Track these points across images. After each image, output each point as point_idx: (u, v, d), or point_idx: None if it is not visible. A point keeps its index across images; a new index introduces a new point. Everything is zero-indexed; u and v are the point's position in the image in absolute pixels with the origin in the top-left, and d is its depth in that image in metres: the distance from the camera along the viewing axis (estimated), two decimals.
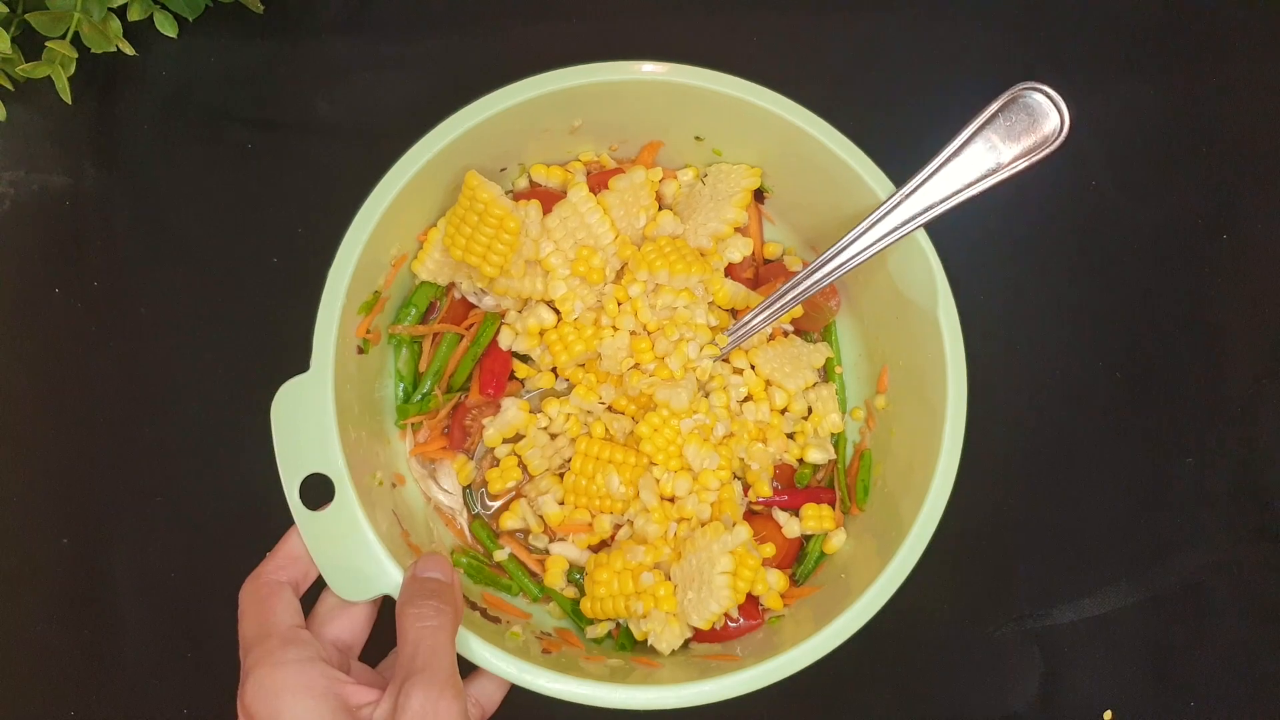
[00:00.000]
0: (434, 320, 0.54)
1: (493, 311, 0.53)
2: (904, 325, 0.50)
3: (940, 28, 0.61)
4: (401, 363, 0.53)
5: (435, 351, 0.53)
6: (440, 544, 0.52)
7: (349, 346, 0.48)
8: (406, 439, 0.54)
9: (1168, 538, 0.58)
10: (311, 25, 0.59)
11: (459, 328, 0.53)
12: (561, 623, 0.52)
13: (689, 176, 0.55)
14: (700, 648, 0.50)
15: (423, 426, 0.54)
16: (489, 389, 0.53)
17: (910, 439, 0.50)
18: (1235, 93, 0.61)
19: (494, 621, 0.49)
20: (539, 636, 0.50)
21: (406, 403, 0.53)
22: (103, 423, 0.56)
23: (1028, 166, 0.45)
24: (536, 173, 0.54)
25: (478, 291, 0.53)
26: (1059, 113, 0.45)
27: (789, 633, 0.48)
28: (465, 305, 0.54)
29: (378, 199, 0.47)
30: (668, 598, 0.48)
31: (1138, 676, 0.57)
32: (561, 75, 0.48)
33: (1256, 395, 0.59)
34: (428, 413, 0.53)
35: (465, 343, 0.53)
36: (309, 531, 0.44)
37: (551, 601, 0.52)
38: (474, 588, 0.52)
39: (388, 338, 0.53)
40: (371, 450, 0.51)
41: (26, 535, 0.55)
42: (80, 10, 0.50)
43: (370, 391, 0.52)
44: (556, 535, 0.52)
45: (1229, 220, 0.60)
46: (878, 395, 0.53)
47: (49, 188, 0.57)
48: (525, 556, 0.53)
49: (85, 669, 0.54)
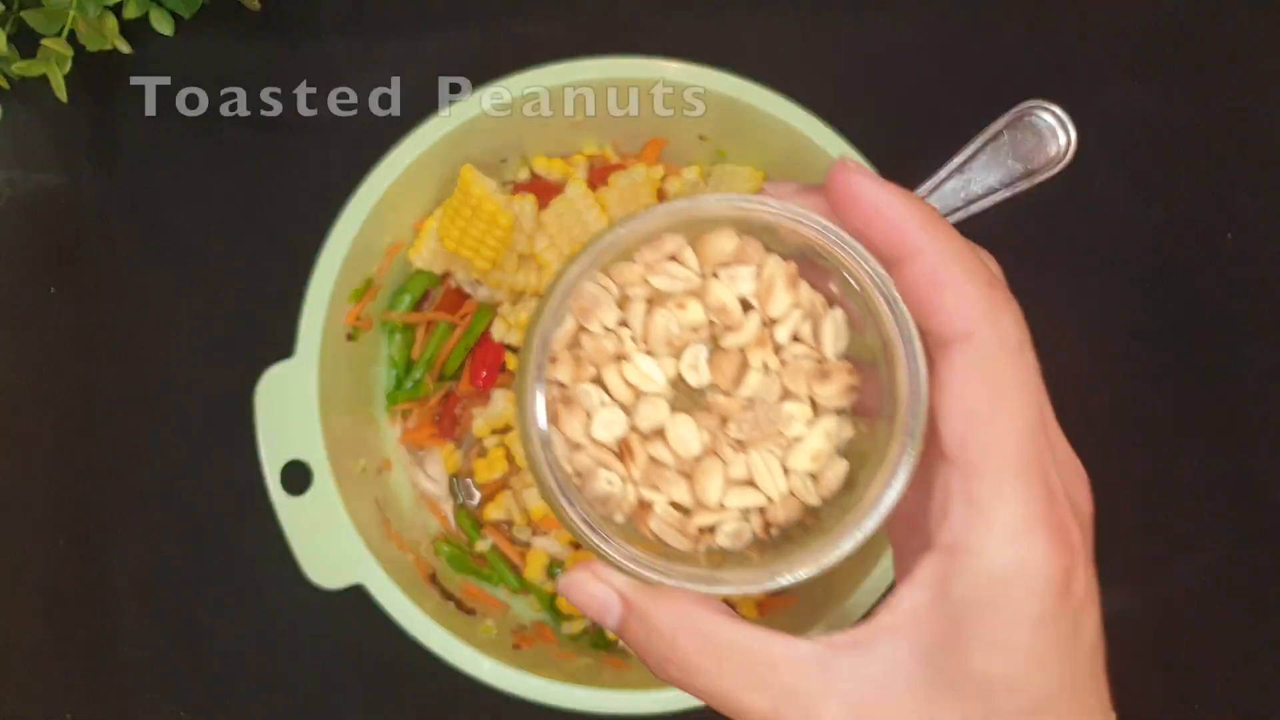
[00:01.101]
0: (428, 308, 0.54)
1: (487, 302, 0.53)
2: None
3: (948, 32, 0.60)
4: (394, 349, 0.54)
5: (428, 339, 0.53)
6: (424, 531, 0.53)
7: (338, 333, 0.48)
8: (396, 425, 0.54)
9: (1171, 540, 0.57)
10: (309, 24, 0.59)
11: (453, 317, 0.53)
12: (540, 616, 0.53)
13: (693, 175, 0.54)
14: None
15: (413, 413, 0.54)
16: (479, 379, 0.53)
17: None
18: (1239, 92, 0.60)
19: (469, 614, 0.50)
20: (514, 630, 0.50)
21: (398, 389, 0.54)
22: (99, 422, 0.56)
23: (1030, 187, 0.44)
24: (538, 165, 0.53)
25: (472, 282, 0.53)
26: (1066, 133, 0.44)
27: None
28: (460, 295, 0.54)
29: (371, 187, 0.47)
30: None
31: (1141, 679, 0.56)
32: (563, 70, 0.48)
33: (1261, 396, 0.58)
34: (418, 399, 0.53)
35: (458, 332, 0.53)
36: (287, 516, 0.45)
37: (530, 594, 0.53)
38: (454, 577, 0.52)
39: (380, 324, 0.53)
40: (359, 436, 0.51)
41: (22, 536, 0.55)
42: (76, 8, 0.50)
43: (362, 377, 0.52)
44: (539, 529, 0.52)
45: (1233, 219, 0.59)
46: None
47: (44, 186, 0.58)
48: (507, 548, 0.53)
49: (82, 670, 0.54)
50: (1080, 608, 0.26)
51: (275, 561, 0.46)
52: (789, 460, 0.27)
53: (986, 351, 0.25)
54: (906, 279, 0.26)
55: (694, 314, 0.27)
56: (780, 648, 0.26)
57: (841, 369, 0.27)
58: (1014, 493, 0.24)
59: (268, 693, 0.54)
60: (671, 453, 0.27)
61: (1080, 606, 0.26)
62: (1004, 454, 0.25)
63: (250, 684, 0.54)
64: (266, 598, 0.53)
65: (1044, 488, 0.25)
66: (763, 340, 0.27)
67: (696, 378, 0.27)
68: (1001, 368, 0.25)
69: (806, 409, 0.27)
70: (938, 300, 0.25)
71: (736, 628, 0.26)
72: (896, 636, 0.25)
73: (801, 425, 0.27)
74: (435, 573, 0.51)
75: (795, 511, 0.27)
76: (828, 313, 0.27)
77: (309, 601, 0.46)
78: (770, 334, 0.27)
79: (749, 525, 0.27)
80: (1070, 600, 0.25)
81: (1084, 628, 0.26)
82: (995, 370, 0.25)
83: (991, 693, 0.25)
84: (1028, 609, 0.25)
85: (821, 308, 0.28)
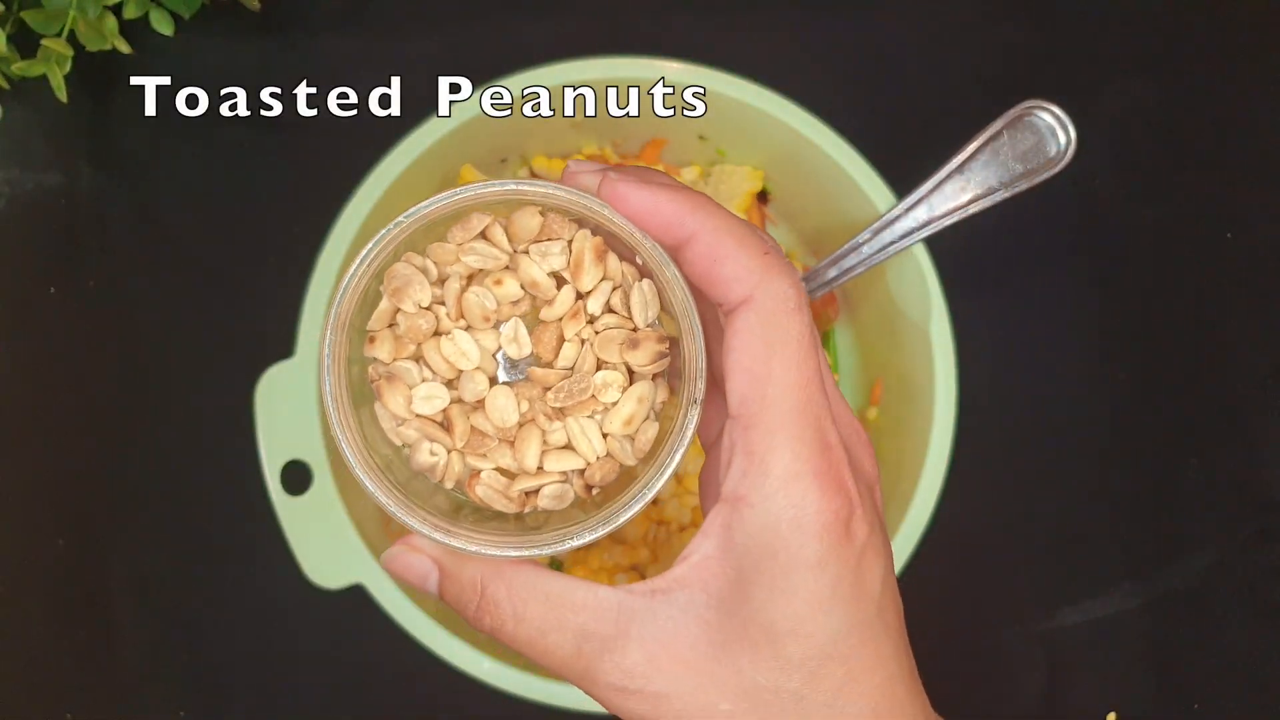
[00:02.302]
0: None
1: None
2: (897, 336, 0.50)
3: (948, 32, 0.60)
4: None
5: None
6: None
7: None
8: None
9: (1171, 540, 0.57)
10: (309, 23, 0.58)
11: None
12: None
13: (693, 174, 0.54)
14: None
15: None
16: None
17: (898, 452, 0.49)
18: (1239, 92, 0.60)
19: None
20: None
21: None
22: (99, 422, 0.56)
23: (1030, 187, 0.44)
24: (537, 165, 0.53)
25: None
26: (1066, 133, 0.44)
27: None
28: None
29: (371, 187, 0.47)
30: None
31: (1141, 679, 0.56)
32: (563, 70, 0.48)
33: (1261, 396, 0.58)
34: None
35: None
36: (287, 516, 0.45)
37: None
38: None
39: None
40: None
41: (22, 536, 0.55)
42: (76, 8, 0.50)
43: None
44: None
45: (1233, 219, 0.59)
46: (870, 407, 0.53)
47: (44, 186, 0.58)
48: None
49: (82, 670, 0.54)
50: (861, 554, 0.26)
51: (275, 561, 0.46)
52: (605, 425, 0.29)
53: (762, 313, 0.26)
54: (689, 260, 0.27)
55: (510, 289, 0.29)
56: (582, 592, 0.27)
57: (651, 336, 0.29)
58: (787, 441, 0.26)
59: (268, 693, 0.54)
60: (491, 423, 0.28)
61: (861, 553, 0.26)
62: (778, 406, 0.26)
63: (250, 684, 0.54)
64: (266, 598, 0.53)
65: (817, 437, 0.26)
66: (576, 313, 0.29)
67: (517, 350, 0.29)
68: (775, 327, 0.26)
69: (621, 376, 0.29)
70: (716, 272, 0.27)
71: (540, 573, 0.28)
72: (691, 586, 0.27)
73: (616, 392, 0.29)
74: None
75: (613, 472, 0.29)
76: (636, 284, 0.29)
77: (309, 601, 0.46)
78: (583, 306, 0.29)
79: (570, 487, 0.29)
80: (849, 547, 0.26)
81: (867, 575, 0.27)
82: (770, 329, 0.26)
83: (777, 638, 0.26)
84: (804, 554, 0.26)
85: (631, 278, 0.29)
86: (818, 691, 0.26)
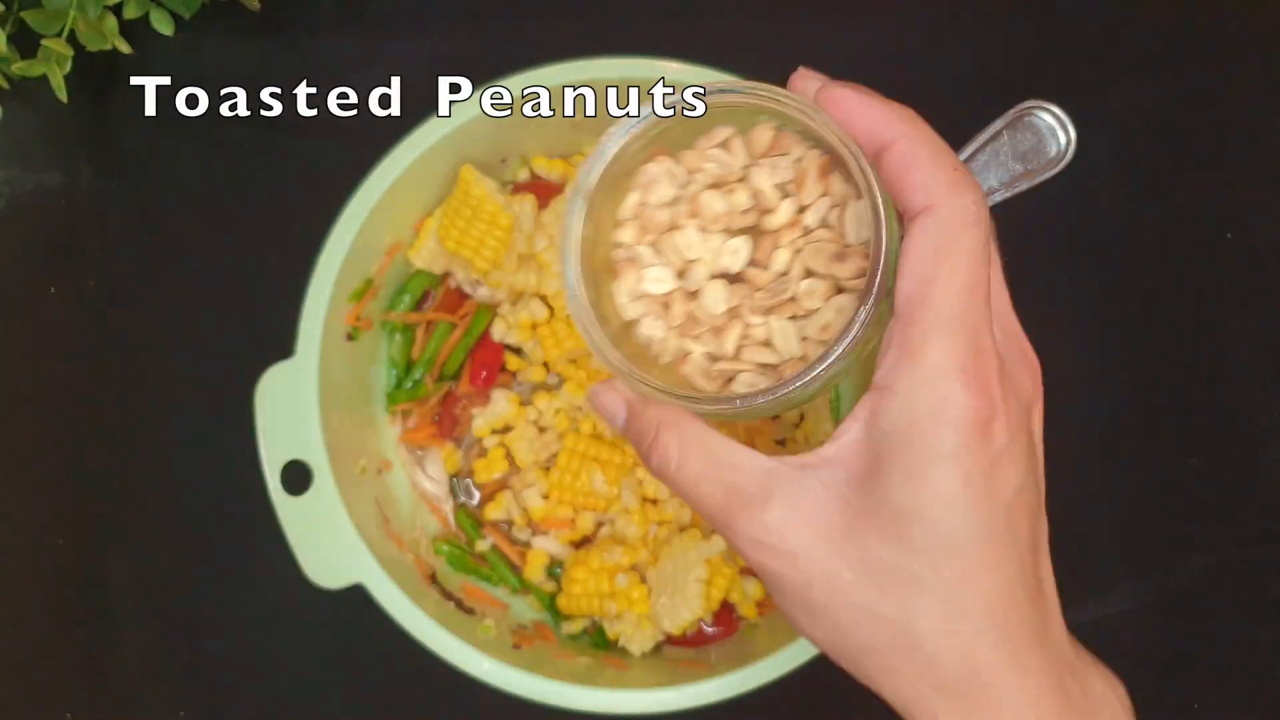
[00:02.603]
0: (428, 308, 0.54)
1: (486, 302, 0.53)
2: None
3: (948, 32, 0.60)
4: (394, 349, 0.54)
5: (428, 339, 0.53)
6: (424, 531, 0.53)
7: (338, 333, 0.48)
8: (396, 425, 0.54)
9: (1171, 540, 0.57)
10: (309, 23, 0.58)
11: (453, 317, 0.53)
12: (539, 616, 0.53)
13: None
14: (673, 651, 0.50)
15: (413, 413, 0.54)
16: (479, 379, 0.53)
17: None
18: (1239, 92, 0.60)
19: (468, 613, 0.50)
20: (514, 630, 0.50)
21: (398, 389, 0.54)
22: (99, 422, 0.56)
23: (1030, 187, 0.44)
24: (538, 165, 0.53)
25: (472, 282, 0.53)
26: (1066, 133, 0.44)
27: (763, 641, 0.48)
28: (460, 295, 0.54)
29: (371, 187, 0.47)
30: (641, 600, 0.48)
31: (1141, 679, 0.56)
32: (563, 70, 0.48)
33: (1261, 396, 0.58)
34: (418, 399, 0.53)
35: (458, 332, 0.53)
36: (287, 516, 0.45)
37: (530, 594, 0.53)
38: (454, 577, 0.52)
39: (380, 324, 0.53)
40: (359, 436, 0.51)
41: (22, 536, 0.55)
42: (76, 8, 0.50)
43: (362, 377, 0.52)
44: (539, 529, 0.52)
45: (1232, 219, 0.59)
46: None
47: (44, 186, 0.58)
48: (507, 548, 0.53)
49: (81, 670, 0.54)
50: (997, 458, 0.27)
51: (275, 561, 0.46)
52: (804, 329, 0.31)
53: (941, 221, 0.27)
54: (885, 164, 0.29)
55: (740, 199, 0.31)
56: (739, 454, 0.30)
57: (859, 252, 0.30)
58: (941, 338, 0.27)
59: (268, 693, 0.54)
60: (704, 309, 0.31)
61: (997, 457, 0.27)
62: (939, 307, 0.27)
63: (250, 684, 0.54)
64: (266, 598, 0.53)
65: (971, 340, 0.27)
66: (794, 223, 0.31)
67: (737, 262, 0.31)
68: (950, 237, 0.27)
69: (825, 286, 0.31)
70: (908, 178, 0.28)
71: (707, 431, 0.31)
72: (835, 465, 0.29)
73: (818, 300, 0.31)
74: (435, 572, 0.51)
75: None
76: (852, 203, 0.31)
77: (309, 601, 0.46)
78: (801, 218, 0.31)
79: (763, 379, 0.31)
80: (985, 447, 0.27)
81: (1001, 479, 0.28)
82: (944, 237, 0.27)
83: (904, 521, 0.27)
84: (939, 445, 0.27)
85: (851, 199, 0.31)
86: (935, 578, 0.27)
